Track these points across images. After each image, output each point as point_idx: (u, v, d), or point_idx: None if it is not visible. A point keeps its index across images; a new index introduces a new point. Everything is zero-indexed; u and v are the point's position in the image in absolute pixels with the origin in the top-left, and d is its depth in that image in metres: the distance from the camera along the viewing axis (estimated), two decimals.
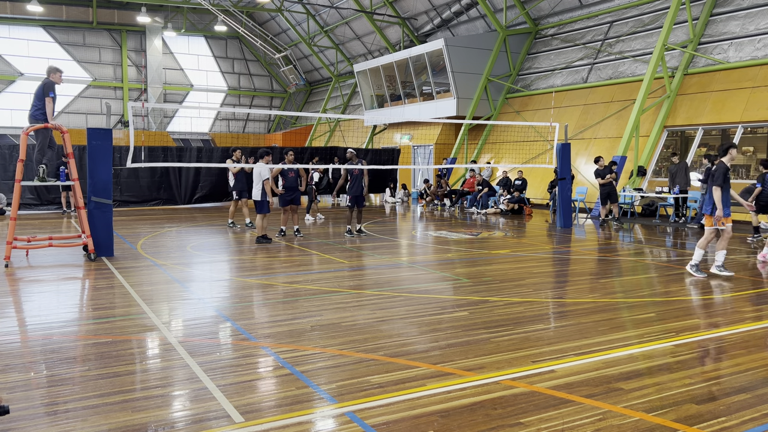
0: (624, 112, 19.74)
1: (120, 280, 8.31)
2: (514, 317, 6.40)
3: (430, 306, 6.90)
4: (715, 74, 17.72)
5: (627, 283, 8.52)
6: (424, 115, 26.00)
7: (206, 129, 43.44)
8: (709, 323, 6.32)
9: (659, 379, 4.61)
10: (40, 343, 5.44)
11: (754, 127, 16.73)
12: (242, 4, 38.48)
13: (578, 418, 3.88)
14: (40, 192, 19.08)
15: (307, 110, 43.65)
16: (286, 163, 12.62)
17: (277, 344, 5.41)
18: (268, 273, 8.99)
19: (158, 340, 5.57)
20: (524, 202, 19.52)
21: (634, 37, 20.85)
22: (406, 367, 4.82)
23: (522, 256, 10.67)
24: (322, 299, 7.19)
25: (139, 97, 40.14)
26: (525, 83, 24.94)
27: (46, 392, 4.30)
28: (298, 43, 40.11)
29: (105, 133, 10.23)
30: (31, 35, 37.38)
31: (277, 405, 4.08)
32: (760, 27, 17.05)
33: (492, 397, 4.22)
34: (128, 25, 39.10)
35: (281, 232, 13.11)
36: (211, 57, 43.11)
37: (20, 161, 9.42)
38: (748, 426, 3.80)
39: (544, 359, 5.03)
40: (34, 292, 7.70)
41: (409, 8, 29.72)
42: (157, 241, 12.31)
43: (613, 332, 5.85)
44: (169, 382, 4.50)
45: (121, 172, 19.46)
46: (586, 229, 15.45)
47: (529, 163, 21.43)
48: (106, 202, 10.11)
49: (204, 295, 7.50)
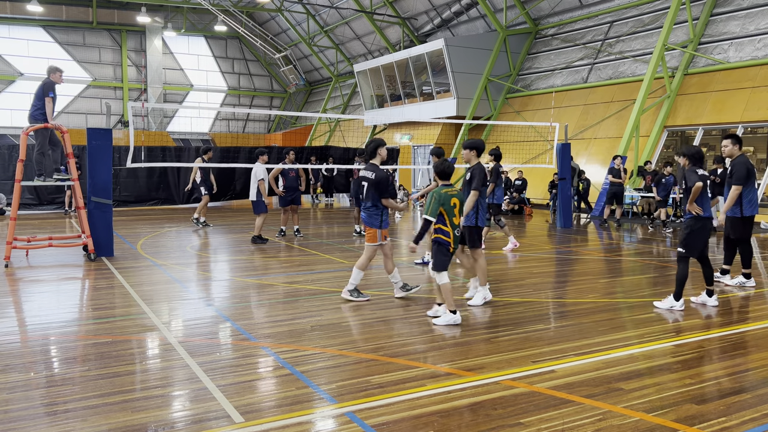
0: (624, 112, 19.74)
1: (120, 280, 8.31)
2: (514, 317, 6.39)
3: (430, 306, 6.90)
4: (715, 74, 17.72)
5: (627, 283, 8.52)
6: (424, 115, 25.99)
7: (206, 129, 43.43)
8: (709, 323, 6.32)
9: (659, 379, 4.60)
10: (40, 343, 5.44)
11: (754, 127, 16.74)
12: (242, 4, 38.48)
13: (578, 418, 3.88)
14: (40, 192, 19.07)
15: (307, 110, 43.64)
16: (287, 163, 12.61)
17: (277, 344, 5.41)
18: (268, 273, 8.99)
19: (158, 340, 5.57)
20: (524, 202, 19.52)
21: (634, 37, 20.84)
22: (406, 367, 4.81)
23: (522, 256, 10.67)
24: (322, 299, 7.19)
25: (139, 97, 40.13)
26: (525, 83, 24.94)
27: (46, 392, 4.29)
28: (298, 43, 40.10)
29: (105, 133, 10.22)
30: (31, 35, 37.37)
31: (277, 405, 4.08)
32: (760, 27, 17.05)
33: (492, 397, 4.22)
34: (128, 25, 39.09)
35: (281, 232, 13.10)
36: (211, 57, 43.10)
37: (20, 161, 9.42)
38: (748, 426, 3.79)
39: (545, 359, 5.03)
40: (34, 292, 7.70)
41: (409, 8, 29.71)
42: (157, 241, 12.31)
43: (613, 332, 5.85)
44: (169, 382, 4.50)
45: (119, 172, 19.46)
46: (586, 229, 15.44)
47: (529, 163, 21.42)
48: (106, 202, 10.10)
49: (204, 295, 7.50)
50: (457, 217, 6.24)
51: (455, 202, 6.19)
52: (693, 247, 6.78)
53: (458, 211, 6.23)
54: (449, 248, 6.18)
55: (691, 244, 6.77)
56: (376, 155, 7.13)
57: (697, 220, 6.71)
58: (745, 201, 7.82)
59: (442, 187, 6.25)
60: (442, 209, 6.13)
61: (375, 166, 7.07)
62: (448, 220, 6.15)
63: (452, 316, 6.10)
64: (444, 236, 6.17)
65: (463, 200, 6.40)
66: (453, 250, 6.22)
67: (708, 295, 6.99)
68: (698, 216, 6.68)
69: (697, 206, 6.67)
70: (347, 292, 7.10)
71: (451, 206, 6.16)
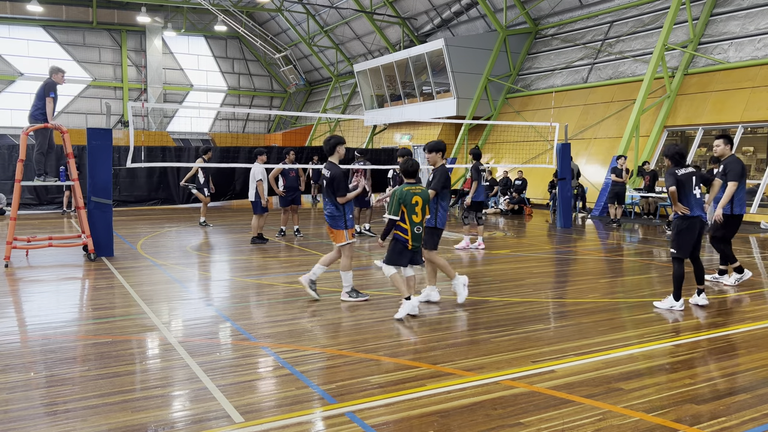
0: (624, 112, 19.74)
1: (120, 280, 8.31)
2: (514, 317, 6.39)
3: (430, 306, 6.90)
4: (715, 74, 17.72)
5: (627, 283, 8.52)
6: (424, 115, 25.99)
7: (206, 129, 43.43)
8: (709, 323, 6.32)
9: (659, 379, 4.60)
10: (39, 343, 5.44)
11: (754, 127, 16.73)
12: (242, 4, 38.48)
13: (578, 418, 3.88)
14: (40, 192, 19.08)
15: (307, 110, 43.64)
16: (287, 163, 12.62)
17: (277, 344, 5.41)
18: (268, 273, 8.99)
19: (158, 340, 5.57)
20: (524, 202, 19.52)
21: (634, 37, 20.85)
22: (406, 367, 4.81)
23: (522, 256, 10.67)
24: (322, 299, 7.18)
25: (139, 97, 40.13)
26: (525, 83, 24.94)
27: (46, 392, 4.29)
28: (298, 43, 40.11)
29: (105, 133, 10.22)
30: (31, 35, 37.36)
31: (277, 405, 4.08)
32: (760, 27, 17.05)
33: (492, 397, 4.22)
34: (128, 25, 39.10)
35: (281, 232, 13.10)
36: (211, 57, 43.10)
37: (20, 161, 9.41)
38: (748, 426, 3.79)
39: (544, 359, 5.03)
40: (34, 292, 7.70)
41: (409, 8, 29.71)
42: (157, 241, 12.31)
43: (613, 332, 5.85)
44: (169, 382, 4.50)
45: (119, 172, 19.46)
46: (587, 229, 15.45)
47: (529, 163, 21.42)
48: (106, 202, 10.10)
49: (204, 295, 7.49)
50: (419, 215, 6.33)
51: (417, 200, 6.30)
52: (683, 247, 6.81)
53: (420, 209, 6.32)
54: (406, 245, 6.31)
55: (681, 243, 6.80)
56: (334, 153, 7.04)
57: (683, 219, 6.74)
58: (736, 199, 7.84)
59: (405, 185, 6.38)
60: (403, 207, 6.28)
61: (333, 164, 7.01)
62: (408, 218, 6.28)
63: (408, 302, 6.27)
64: (401, 233, 6.32)
65: (426, 199, 6.44)
66: (412, 248, 6.32)
67: (697, 294, 7.01)
68: (685, 215, 6.71)
69: (682, 206, 6.69)
70: (346, 295, 7.12)
71: (412, 204, 6.29)
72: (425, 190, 6.48)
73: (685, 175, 6.75)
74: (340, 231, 7.05)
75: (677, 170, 6.74)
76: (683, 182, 6.71)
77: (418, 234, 6.36)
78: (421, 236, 6.40)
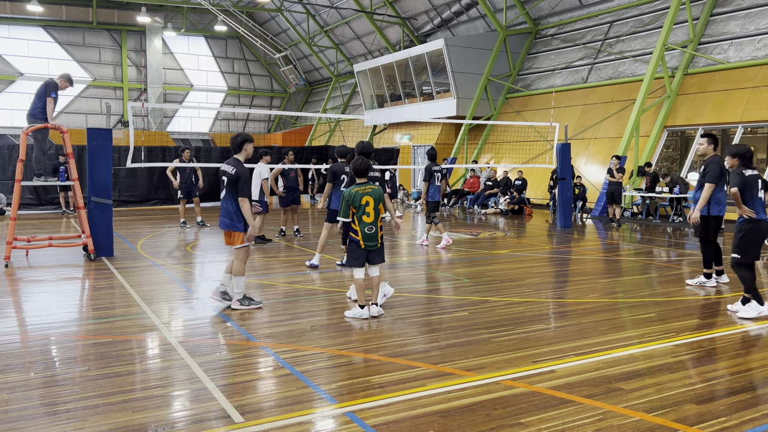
0: (624, 112, 19.73)
1: (120, 280, 8.31)
2: (514, 317, 6.39)
3: (430, 306, 6.90)
4: (715, 74, 17.72)
5: (627, 283, 8.52)
6: (424, 115, 25.99)
7: (206, 129, 43.42)
8: (709, 323, 6.32)
9: (659, 379, 4.60)
10: (40, 343, 5.44)
11: (754, 127, 16.73)
12: (242, 4, 38.47)
13: (578, 418, 3.88)
14: (40, 192, 19.09)
15: (307, 110, 43.62)
16: (287, 163, 12.63)
17: (277, 344, 5.41)
18: (268, 273, 8.99)
19: (158, 340, 5.57)
20: (524, 202, 19.52)
21: (634, 37, 20.84)
22: (406, 367, 4.81)
23: (522, 256, 10.67)
24: (322, 299, 7.19)
25: (139, 97, 40.12)
26: (525, 83, 24.94)
27: (46, 392, 4.29)
28: (298, 43, 40.10)
29: (105, 133, 10.22)
30: (31, 35, 37.34)
31: (277, 405, 4.08)
32: (760, 27, 17.05)
33: (492, 397, 4.22)
34: (128, 25, 39.08)
35: (281, 232, 13.11)
36: (211, 57, 43.08)
37: (20, 161, 9.42)
38: (748, 426, 3.80)
39: (545, 359, 5.03)
40: (34, 292, 7.70)
41: (409, 8, 29.71)
42: (157, 241, 12.31)
43: (613, 332, 5.85)
44: (169, 382, 4.50)
45: (119, 172, 19.46)
46: (586, 229, 15.45)
47: (529, 163, 21.42)
48: (106, 202, 10.10)
49: (204, 295, 7.49)
50: (371, 215, 6.29)
51: (367, 200, 6.26)
52: (747, 251, 6.51)
53: (372, 209, 6.27)
54: (359, 245, 6.30)
55: (745, 247, 6.51)
56: (242, 150, 6.69)
57: (747, 222, 6.52)
58: (712, 200, 7.76)
59: (353, 186, 6.36)
60: (352, 208, 6.28)
61: (238, 161, 6.58)
62: (357, 219, 6.28)
63: (359, 310, 6.32)
64: (353, 234, 6.34)
65: (378, 198, 6.36)
66: (365, 247, 6.28)
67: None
68: (749, 219, 6.49)
69: (747, 209, 6.47)
70: (237, 303, 6.64)
71: (362, 204, 6.26)
72: (377, 189, 6.38)
73: (752, 176, 6.54)
74: (237, 233, 6.60)
75: (744, 170, 6.52)
76: (750, 183, 6.50)
77: (370, 234, 6.28)
78: (374, 236, 6.28)
